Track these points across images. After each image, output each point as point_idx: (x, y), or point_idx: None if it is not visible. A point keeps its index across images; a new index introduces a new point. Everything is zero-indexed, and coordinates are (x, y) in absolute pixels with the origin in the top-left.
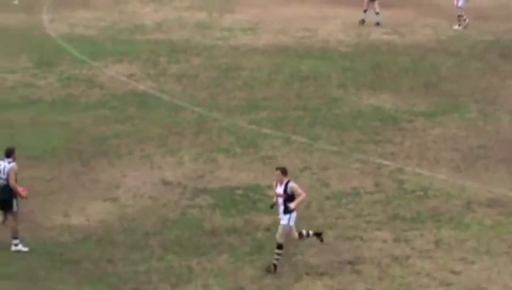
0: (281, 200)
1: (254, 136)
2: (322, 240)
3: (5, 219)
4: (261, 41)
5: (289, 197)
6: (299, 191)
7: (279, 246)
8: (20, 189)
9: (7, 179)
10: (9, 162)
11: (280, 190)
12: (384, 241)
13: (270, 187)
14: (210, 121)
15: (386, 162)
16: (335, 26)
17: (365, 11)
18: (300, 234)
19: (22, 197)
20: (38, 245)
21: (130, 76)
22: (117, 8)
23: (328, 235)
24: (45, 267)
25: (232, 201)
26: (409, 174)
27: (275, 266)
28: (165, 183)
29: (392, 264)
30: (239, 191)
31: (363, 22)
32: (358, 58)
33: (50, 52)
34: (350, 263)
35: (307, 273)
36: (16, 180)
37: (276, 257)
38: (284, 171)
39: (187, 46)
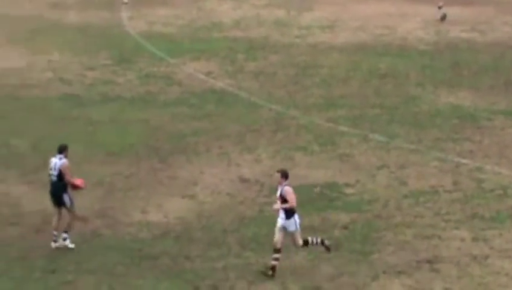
0: (279, 203)
1: (332, 133)
2: (269, 274)
3: (60, 213)
4: (339, 39)
5: (284, 201)
6: (290, 196)
7: (305, 243)
8: (77, 181)
9: (58, 175)
10: (60, 159)
11: (278, 193)
12: (463, 240)
13: (348, 185)
14: (287, 118)
15: (464, 161)
16: (414, 24)
17: (440, 7)
18: (279, 250)
19: (80, 188)
20: (117, 241)
21: (208, 73)
22: (195, 6)
23: (406, 234)
24: (124, 263)
25: (309, 199)
26: (488, 173)
27: (327, 248)
28: (243, 180)
29: (471, 264)
30: (316, 189)
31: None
32: (437, 56)
33: (129, 50)
34: (428, 261)
35: (384, 272)
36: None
37: (315, 244)
38: (283, 174)
39: (265, 43)
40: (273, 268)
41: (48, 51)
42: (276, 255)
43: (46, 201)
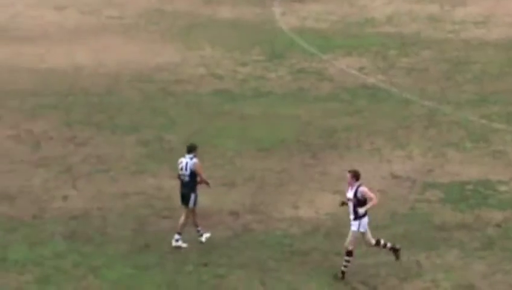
0: (351, 205)
1: (485, 130)
2: (397, 257)
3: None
4: (493, 34)
5: (359, 202)
6: (370, 194)
7: (349, 253)
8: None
9: (189, 175)
10: (190, 158)
11: (350, 194)
12: None
13: (501, 182)
14: (440, 114)
15: None
16: None
17: None
18: (378, 242)
19: (207, 184)
20: (268, 236)
21: (360, 69)
22: (347, 1)
23: None
24: (275, 258)
25: (462, 196)
26: None
27: (343, 273)
28: (394, 177)
29: None
30: (469, 186)
31: None
32: None
33: (281, 45)
34: None
35: None
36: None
37: (345, 263)
38: (355, 175)
39: (417, 39)
40: (394, 250)
41: (201, 47)
42: (389, 244)
43: (198, 195)
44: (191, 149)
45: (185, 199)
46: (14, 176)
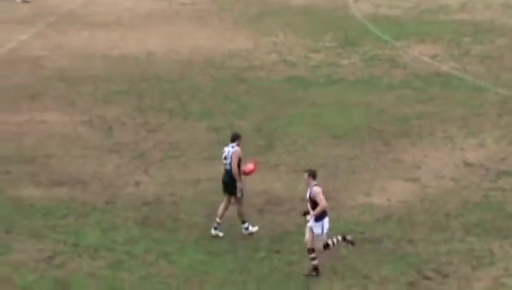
0: (309, 206)
1: None
2: (353, 243)
3: (228, 202)
4: None
5: (313, 203)
6: (319, 197)
7: (326, 246)
8: (246, 169)
9: (230, 164)
10: (232, 147)
11: (307, 194)
12: None
13: None
14: None
15: None
16: None
17: None
18: (326, 245)
19: (252, 173)
20: (340, 223)
21: (433, 56)
22: None
23: None
24: (347, 246)
25: None
26: None
27: (351, 242)
28: (467, 165)
29: None
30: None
31: None
32: None
33: (354, 32)
34: None
35: None
36: (239, 166)
37: (336, 244)
38: (311, 174)
39: (491, 26)
40: (315, 269)
41: (274, 33)
42: (312, 255)
43: (270, 182)
44: (235, 138)
45: (227, 188)
46: (87, 162)
